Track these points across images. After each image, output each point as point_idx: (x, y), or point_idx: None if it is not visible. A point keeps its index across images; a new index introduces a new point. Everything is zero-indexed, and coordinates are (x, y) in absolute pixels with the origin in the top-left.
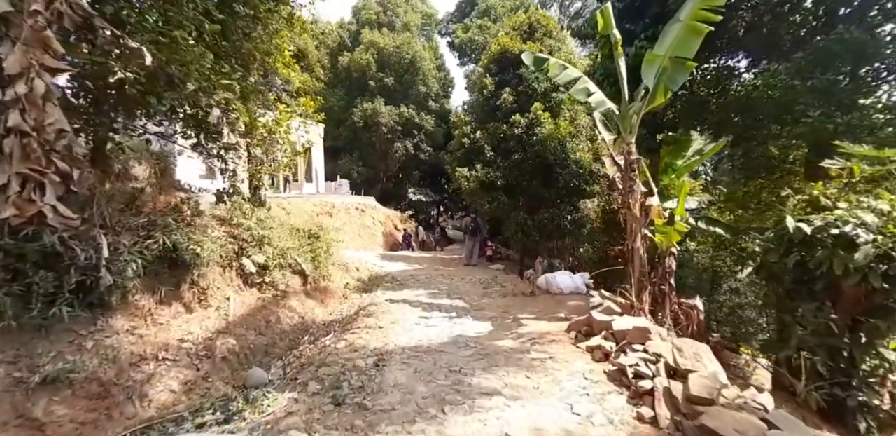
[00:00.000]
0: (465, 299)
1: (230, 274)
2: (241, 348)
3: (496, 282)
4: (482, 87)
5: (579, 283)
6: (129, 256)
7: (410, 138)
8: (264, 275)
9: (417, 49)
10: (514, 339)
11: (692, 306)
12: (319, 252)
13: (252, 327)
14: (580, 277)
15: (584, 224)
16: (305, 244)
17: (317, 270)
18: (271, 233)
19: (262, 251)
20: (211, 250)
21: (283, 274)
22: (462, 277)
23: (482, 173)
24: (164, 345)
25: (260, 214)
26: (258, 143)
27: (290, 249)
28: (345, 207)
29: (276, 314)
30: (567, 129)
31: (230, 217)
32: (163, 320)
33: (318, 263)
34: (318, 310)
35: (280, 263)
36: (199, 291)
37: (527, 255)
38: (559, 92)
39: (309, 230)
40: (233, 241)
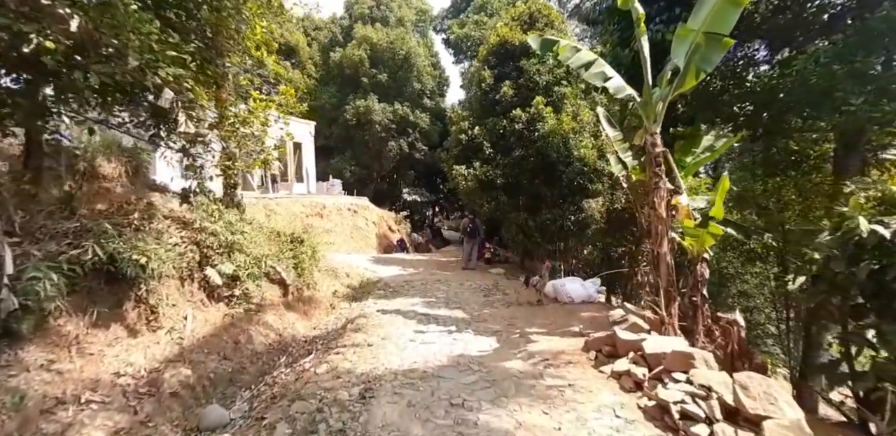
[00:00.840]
0: (464, 309)
1: (191, 287)
2: (197, 379)
3: (497, 288)
4: (480, 81)
5: (591, 291)
6: (46, 270)
7: (405, 137)
8: (234, 287)
9: (412, 45)
10: (523, 359)
11: (731, 322)
12: (303, 258)
13: (215, 351)
14: (591, 284)
15: (589, 225)
16: (287, 250)
17: (300, 278)
18: (244, 238)
19: (232, 259)
20: (163, 260)
21: (258, 284)
22: (461, 283)
23: (481, 172)
24: (92, 382)
25: (230, 217)
26: (227, 134)
27: (268, 256)
28: (336, 207)
29: (248, 333)
30: (570, 124)
31: (193, 220)
32: (94, 350)
33: (302, 271)
34: (300, 324)
35: (253, 273)
36: (146, 311)
37: (527, 257)
38: (562, 86)
39: (291, 234)
40: (195, 248)
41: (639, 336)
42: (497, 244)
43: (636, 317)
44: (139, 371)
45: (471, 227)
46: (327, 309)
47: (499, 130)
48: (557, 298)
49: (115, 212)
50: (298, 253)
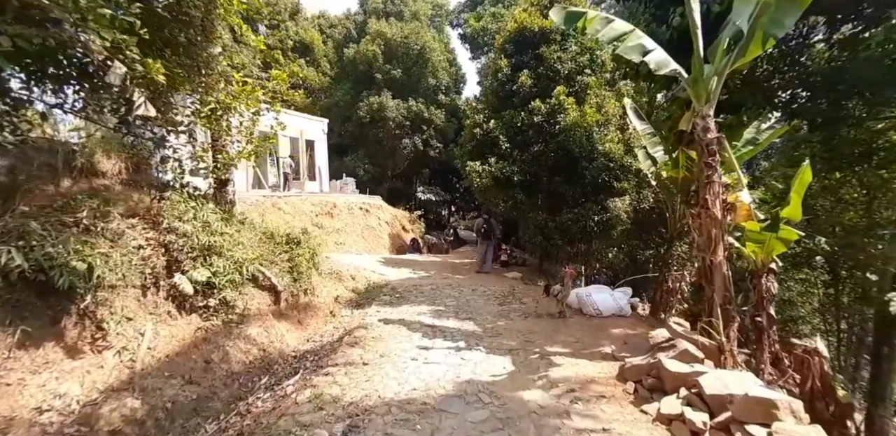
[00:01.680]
0: (476, 321)
1: (155, 298)
2: (149, 411)
3: (514, 296)
4: (496, 70)
5: (622, 303)
6: None
7: (419, 134)
8: (210, 295)
9: (427, 39)
10: (544, 388)
11: (810, 351)
12: (300, 261)
13: (179, 373)
14: (622, 294)
15: (614, 226)
16: (281, 252)
17: (296, 283)
18: (224, 240)
19: (208, 264)
20: (118, 266)
21: (242, 292)
22: (473, 289)
23: (496, 168)
24: (4, 422)
25: (210, 216)
26: (206, 123)
27: (256, 260)
28: (347, 206)
29: (223, 349)
30: (594, 116)
31: (161, 219)
32: (12, 378)
33: (299, 275)
34: (291, 335)
35: (234, 279)
36: (92, 327)
37: (546, 260)
38: (585, 75)
39: (287, 235)
40: (163, 251)
41: (692, 368)
42: (513, 246)
43: (685, 341)
44: (70, 405)
45: (485, 227)
46: (326, 317)
47: (516, 123)
48: (582, 310)
49: (60, 209)
50: (295, 255)
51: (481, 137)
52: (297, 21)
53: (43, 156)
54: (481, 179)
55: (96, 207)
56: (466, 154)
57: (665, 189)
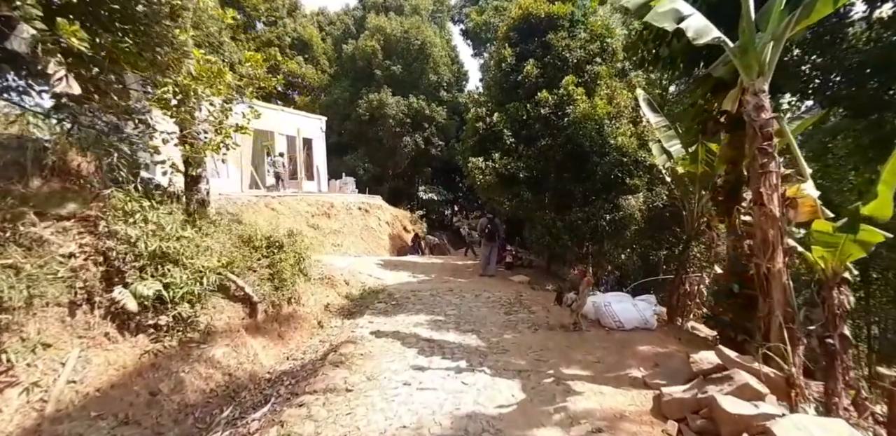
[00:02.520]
0: (480, 334)
1: (88, 317)
2: None
3: (521, 303)
4: (500, 60)
5: (647, 314)
6: None
7: (420, 132)
8: (162, 312)
9: (427, 34)
10: (563, 425)
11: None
12: (283, 267)
13: (112, 412)
14: (646, 303)
15: (627, 225)
16: (261, 257)
17: (278, 291)
18: (182, 245)
19: (160, 274)
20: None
21: (205, 306)
22: (476, 295)
23: (500, 164)
24: None
25: (165, 217)
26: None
27: (224, 267)
28: (345, 206)
29: (177, 376)
30: (605, 108)
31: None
32: None
33: (282, 282)
34: (268, 353)
35: (192, 292)
36: None
37: (554, 261)
38: (595, 64)
39: (268, 238)
40: (102, 260)
41: (756, 408)
42: (519, 246)
43: (742, 370)
44: None
45: (489, 227)
46: (313, 329)
47: (521, 116)
48: (600, 322)
49: None
50: (276, 261)
51: (484, 131)
52: (296, 18)
53: (10, 153)
54: (484, 177)
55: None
56: (468, 150)
57: (681, 186)
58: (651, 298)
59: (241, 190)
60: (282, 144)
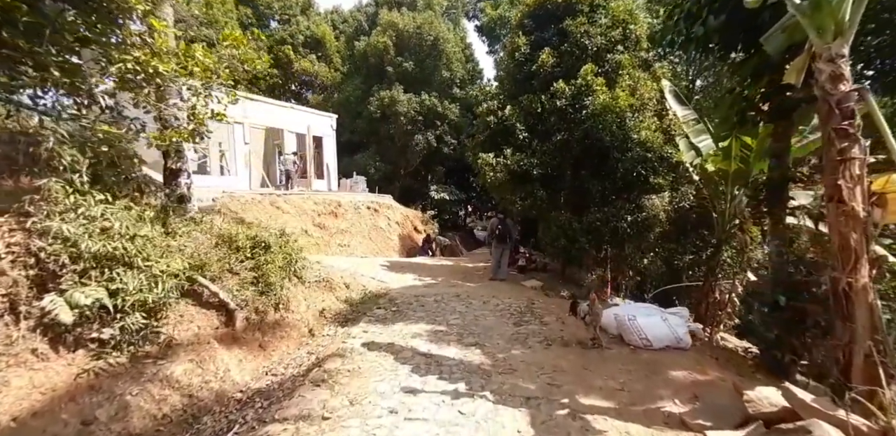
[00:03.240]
0: (484, 348)
1: (10, 330)
2: None
3: (532, 312)
4: (513, 50)
5: (680, 331)
6: None
7: (432, 130)
8: (106, 323)
9: (440, 29)
10: None
11: None
12: (269, 269)
13: None
14: (678, 318)
15: (651, 227)
16: (244, 259)
17: (263, 297)
18: (138, 245)
19: (106, 279)
20: None
21: (167, 314)
22: (484, 301)
23: (512, 160)
24: None
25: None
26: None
27: (193, 270)
28: (354, 205)
29: (121, 400)
30: (628, 100)
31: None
32: None
33: (268, 287)
34: (245, 367)
35: (145, 300)
36: None
37: (570, 265)
38: (616, 52)
39: (253, 237)
40: (33, 262)
41: None
42: (532, 248)
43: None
44: None
45: (500, 228)
46: (302, 338)
47: (535, 108)
48: (624, 338)
49: None
50: (262, 263)
51: (495, 125)
52: (309, 16)
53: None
54: (495, 174)
55: None
56: (479, 145)
57: (711, 184)
58: (684, 311)
59: (249, 188)
60: (291, 142)
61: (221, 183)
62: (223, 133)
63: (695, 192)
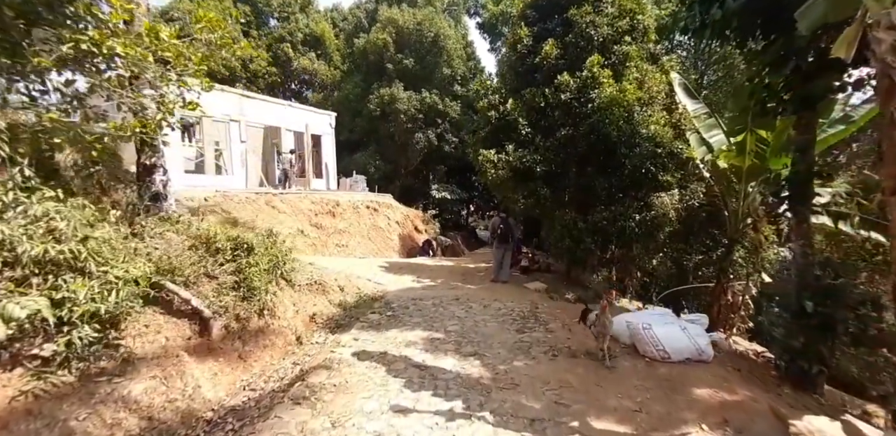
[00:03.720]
0: (484, 359)
1: None
2: None
3: (537, 318)
4: (515, 42)
5: (701, 342)
6: None
7: (433, 128)
8: (50, 339)
9: (441, 26)
10: None
11: None
12: (252, 273)
13: None
14: (696, 326)
15: (660, 226)
16: (225, 262)
17: (245, 302)
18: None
19: (50, 287)
20: None
21: (126, 325)
22: (485, 305)
23: (515, 157)
24: None
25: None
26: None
27: (167, 275)
28: (352, 205)
29: (66, 425)
30: (635, 93)
31: None
32: None
33: (251, 292)
34: (218, 382)
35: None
36: None
37: (574, 266)
38: (624, 43)
39: (234, 238)
40: None
41: None
42: (535, 248)
43: None
44: None
45: (502, 228)
46: (289, 346)
47: (539, 103)
48: (638, 349)
49: None
50: (244, 266)
51: (497, 120)
52: (308, 13)
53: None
54: (497, 171)
55: None
56: (480, 142)
57: (723, 182)
58: (702, 318)
59: (246, 187)
60: (289, 141)
61: (217, 182)
62: (220, 131)
63: (704, 189)
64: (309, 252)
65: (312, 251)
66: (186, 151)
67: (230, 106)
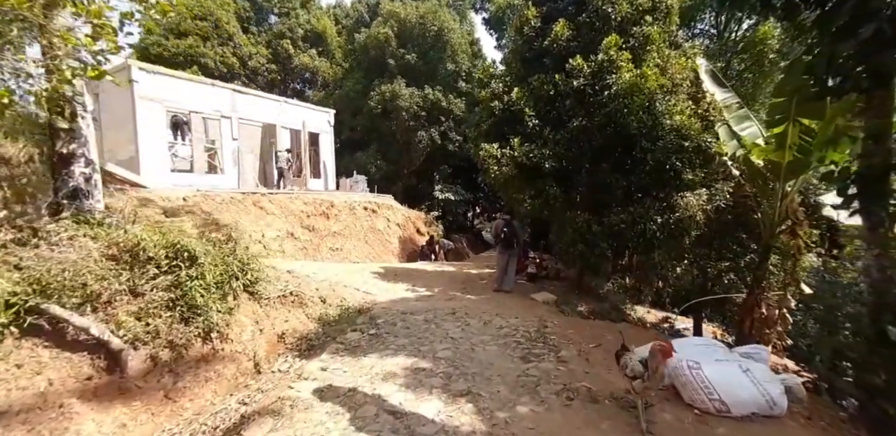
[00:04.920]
0: (478, 401)
1: None
2: None
3: (545, 340)
4: (522, 24)
5: (772, 391)
6: None
7: (437, 126)
8: None
9: (445, 19)
10: None
11: None
12: (194, 287)
13: None
14: (760, 364)
15: (687, 230)
16: (155, 275)
17: (184, 324)
18: None
19: None
20: None
21: None
22: (485, 321)
23: (520, 152)
24: None
25: None
26: None
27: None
28: (349, 206)
29: None
30: (658, 80)
31: None
32: None
33: (194, 312)
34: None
35: None
36: None
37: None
38: (644, 24)
39: (173, 245)
40: None
41: None
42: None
43: None
44: None
45: (506, 231)
46: (242, 376)
47: (548, 91)
48: (682, 395)
49: None
50: (183, 279)
51: (501, 112)
52: (309, 9)
53: None
54: (500, 168)
55: None
56: (482, 135)
57: (759, 179)
58: (762, 351)
59: (238, 187)
60: (285, 139)
61: (207, 182)
62: (211, 129)
63: (730, 189)
64: (299, 256)
65: (303, 255)
66: (182, 150)
67: (221, 102)
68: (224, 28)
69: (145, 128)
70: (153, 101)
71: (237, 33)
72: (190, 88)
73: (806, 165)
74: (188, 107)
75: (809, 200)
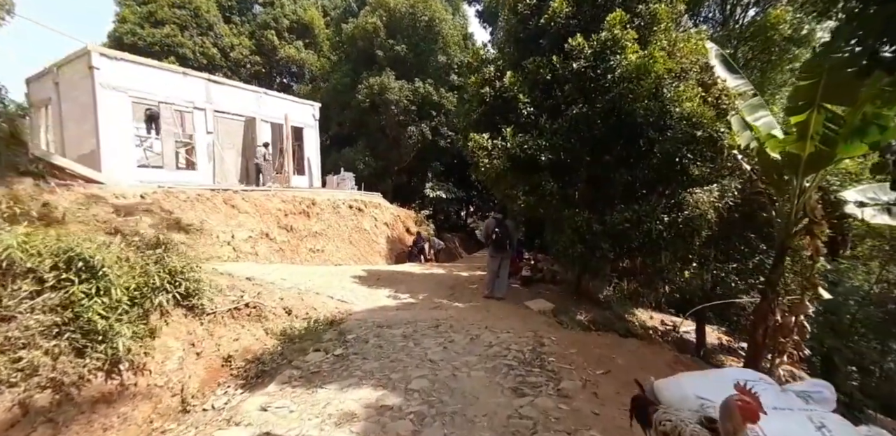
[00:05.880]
0: None
1: None
2: None
3: (542, 363)
4: (516, 1)
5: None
6: None
7: (427, 121)
8: None
9: (436, 9)
10: None
11: None
12: (92, 307)
13: None
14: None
15: (697, 230)
16: (35, 292)
17: (78, 356)
18: None
19: None
20: None
21: None
22: (472, 337)
23: (514, 143)
24: None
25: None
26: None
27: None
28: (332, 204)
29: None
30: (667, 63)
31: None
32: None
33: (93, 336)
34: None
35: None
36: None
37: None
38: (651, 1)
39: (64, 253)
40: None
41: None
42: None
43: None
44: None
45: (498, 232)
46: (159, 418)
47: (544, 74)
48: None
49: None
50: (77, 298)
51: (492, 99)
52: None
53: None
54: (491, 160)
55: None
56: (472, 126)
57: (773, 174)
58: (826, 390)
59: (213, 184)
60: (266, 133)
61: (176, 178)
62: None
63: (740, 185)
64: (275, 259)
65: (279, 257)
66: (157, 145)
67: (195, 92)
68: (204, 17)
69: (108, 119)
70: (116, 91)
71: (218, 23)
72: (159, 77)
73: (829, 157)
74: (157, 97)
75: (829, 196)
